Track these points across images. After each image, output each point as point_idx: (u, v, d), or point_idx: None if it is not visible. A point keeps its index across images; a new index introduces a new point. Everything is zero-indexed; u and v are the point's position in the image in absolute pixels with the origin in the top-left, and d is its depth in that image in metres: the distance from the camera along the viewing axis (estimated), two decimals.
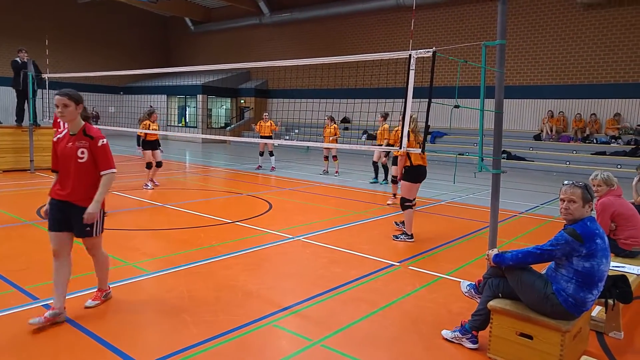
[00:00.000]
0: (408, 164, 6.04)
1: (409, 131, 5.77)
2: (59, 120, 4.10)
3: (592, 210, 2.94)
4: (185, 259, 5.00)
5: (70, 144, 3.45)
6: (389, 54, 5.05)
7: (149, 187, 9.51)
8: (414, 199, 6.16)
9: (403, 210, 6.13)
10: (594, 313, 3.57)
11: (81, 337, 3.22)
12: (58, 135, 3.59)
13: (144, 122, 9.61)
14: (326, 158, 12.95)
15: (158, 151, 9.76)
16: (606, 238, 2.87)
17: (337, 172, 12.69)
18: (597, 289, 2.82)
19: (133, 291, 4.12)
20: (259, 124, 13.63)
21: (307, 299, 4.01)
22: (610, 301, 3.13)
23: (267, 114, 13.89)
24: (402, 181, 6.21)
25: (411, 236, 6.10)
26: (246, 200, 8.84)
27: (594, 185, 4.37)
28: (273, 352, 3.16)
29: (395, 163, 8.89)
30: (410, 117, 5.96)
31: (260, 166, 13.71)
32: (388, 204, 8.73)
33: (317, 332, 3.42)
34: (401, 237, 6.15)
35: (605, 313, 3.33)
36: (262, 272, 4.76)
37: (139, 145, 10.58)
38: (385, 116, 10.84)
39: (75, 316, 3.49)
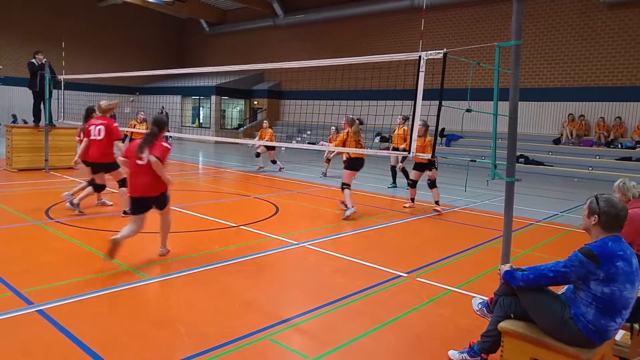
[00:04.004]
0: (347, 157, 7.71)
1: (349, 132, 7.44)
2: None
3: (596, 223, 2.62)
4: (186, 264, 4.85)
5: None
6: (397, 56, 4.85)
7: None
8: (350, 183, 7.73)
9: (343, 190, 7.62)
10: (617, 337, 3.28)
11: (71, 347, 3.07)
12: None
13: (131, 123, 10.97)
14: (328, 160, 12.79)
15: None
16: (635, 261, 2.53)
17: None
18: (620, 317, 2.52)
19: (129, 298, 3.99)
20: (260, 132, 13.61)
21: (307, 312, 3.81)
22: (636, 326, 2.84)
23: (266, 122, 13.78)
24: (345, 170, 7.71)
25: (352, 207, 7.44)
26: (253, 203, 8.69)
27: (614, 192, 4.08)
28: None
29: (415, 168, 8.47)
30: (354, 120, 7.57)
31: (261, 167, 13.56)
32: (405, 207, 8.52)
33: (315, 349, 3.22)
34: (347, 213, 7.37)
35: (630, 338, 3.05)
36: (263, 280, 4.58)
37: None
38: (406, 119, 10.68)
39: (67, 324, 3.36)
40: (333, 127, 12.27)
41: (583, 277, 2.51)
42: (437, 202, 8.27)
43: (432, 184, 8.27)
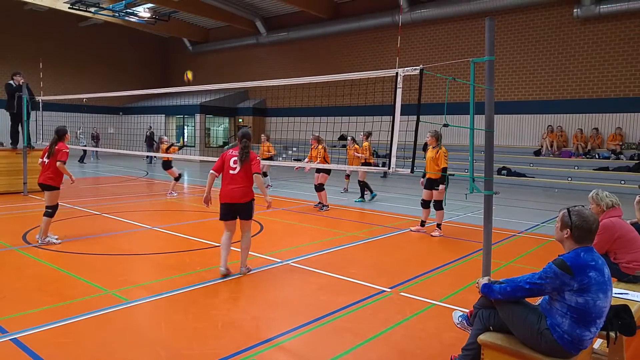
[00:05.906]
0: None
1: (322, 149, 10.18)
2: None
3: (569, 236, 2.66)
4: (168, 286, 4.78)
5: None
6: (375, 73, 4.93)
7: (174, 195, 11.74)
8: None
9: (319, 191, 9.88)
10: (596, 345, 3.33)
11: None
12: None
13: (167, 147, 11.77)
14: (348, 176, 12.77)
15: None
16: (606, 270, 2.59)
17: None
18: (595, 326, 2.56)
19: (108, 322, 3.89)
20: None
21: (290, 331, 3.77)
22: (612, 334, 2.87)
23: (264, 135, 13.87)
24: (322, 174, 9.91)
25: (327, 206, 9.93)
26: (238, 221, 8.59)
27: (589, 203, 4.16)
28: None
29: (426, 187, 7.69)
30: (318, 137, 10.38)
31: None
32: (411, 230, 7.85)
33: None
34: (324, 208, 9.79)
35: (607, 347, 3.08)
36: (245, 300, 4.53)
37: (167, 168, 12.23)
38: (368, 135, 10.97)
39: (42, 353, 3.27)
40: (349, 138, 11.83)
41: (558, 288, 2.55)
42: (438, 225, 7.63)
43: (437, 205, 7.56)
